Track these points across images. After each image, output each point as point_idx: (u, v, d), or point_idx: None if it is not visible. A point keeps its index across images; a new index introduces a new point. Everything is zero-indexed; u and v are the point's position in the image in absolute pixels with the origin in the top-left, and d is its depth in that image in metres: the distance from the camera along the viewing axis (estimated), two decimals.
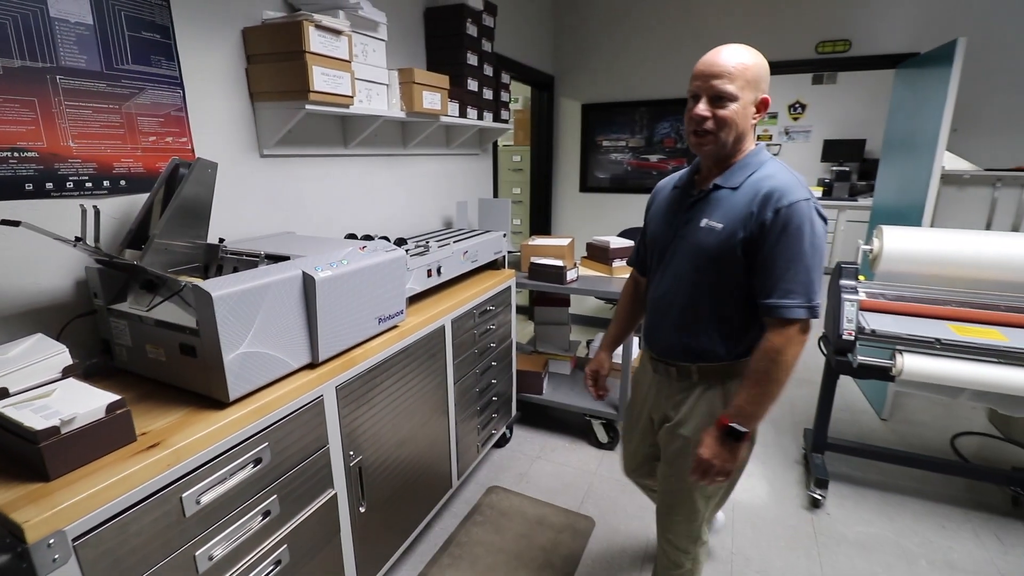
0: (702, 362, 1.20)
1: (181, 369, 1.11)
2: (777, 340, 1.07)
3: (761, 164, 1.12)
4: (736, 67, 1.06)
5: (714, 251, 1.11)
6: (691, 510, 1.29)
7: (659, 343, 1.28)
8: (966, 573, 1.76)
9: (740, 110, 1.07)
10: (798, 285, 1.04)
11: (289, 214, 1.76)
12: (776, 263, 1.05)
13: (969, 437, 2.58)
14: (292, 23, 1.44)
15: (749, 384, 1.11)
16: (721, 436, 1.12)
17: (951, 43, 2.32)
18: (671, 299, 1.22)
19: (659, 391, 1.32)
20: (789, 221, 1.03)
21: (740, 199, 1.10)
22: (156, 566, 0.93)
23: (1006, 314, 1.76)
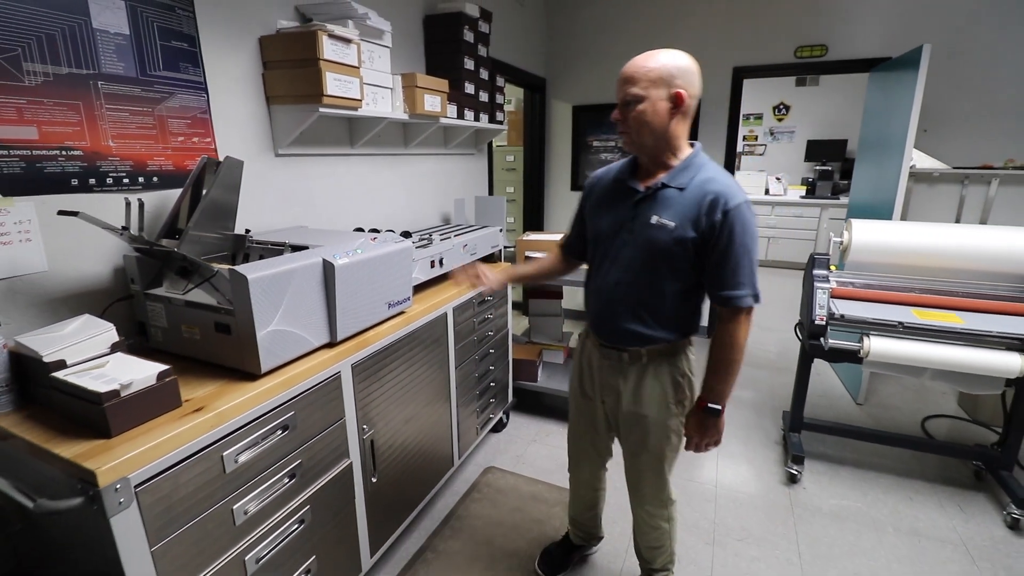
0: (651, 345, 1.31)
1: (215, 346, 1.23)
2: (732, 326, 1.22)
3: (702, 166, 1.23)
4: (638, 71, 1.17)
5: (665, 246, 1.21)
6: (659, 478, 1.44)
7: (610, 331, 1.36)
8: (930, 539, 1.91)
9: (649, 108, 1.17)
10: (746, 277, 1.19)
11: (301, 209, 1.88)
12: (728, 260, 1.18)
13: (939, 420, 2.75)
14: (307, 33, 1.57)
15: (715, 368, 1.26)
16: (703, 416, 1.29)
17: (918, 49, 2.48)
18: (622, 290, 1.30)
19: (609, 375, 1.40)
20: (735, 222, 1.15)
21: (688, 199, 1.19)
22: (201, 515, 1.06)
23: (963, 299, 1.93)
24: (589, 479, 1.67)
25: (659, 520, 1.50)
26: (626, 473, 1.51)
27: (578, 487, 1.70)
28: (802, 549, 1.86)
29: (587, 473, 1.66)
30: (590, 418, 1.53)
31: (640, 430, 1.39)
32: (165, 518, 0.99)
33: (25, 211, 1.17)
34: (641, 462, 1.43)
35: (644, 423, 1.37)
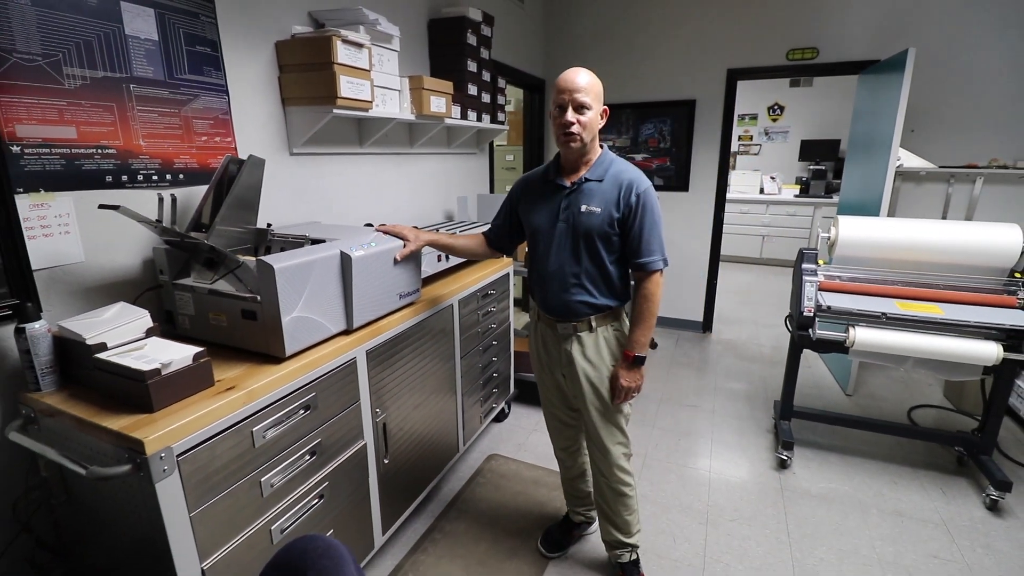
0: (599, 312, 1.52)
1: (241, 331, 1.32)
2: (650, 286, 1.47)
3: (612, 161, 1.48)
4: (588, 84, 1.40)
5: (596, 228, 1.44)
6: (621, 431, 1.60)
7: (560, 307, 1.53)
8: (912, 519, 2.02)
9: (594, 116, 1.41)
10: (656, 245, 1.45)
11: (313, 206, 1.97)
12: (642, 233, 1.43)
13: (925, 410, 2.86)
14: (322, 38, 1.66)
15: (638, 322, 1.48)
16: (629, 365, 1.50)
17: (903, 52, 2.58)
18: (566, 270, 1.50)
19: (563, 347, 1.57)
20: (645, 202, 1.42)
21: (608, 188, 1.44)
22: (233, 486, 1.15)
23: (942, 291, 2.03)
24: (569, 447, 1.79)
25: (627, 478, 1.63)
26: (590, 437, 1.63)
27: (564, 459, 1.83)
28: (791, 528, 1.96)
29: (565, 441, 1.79)
30: (556, 392, 1.69)
31: (595, 391, 1.55)
32: (203, 487, 1.08)
33: (64, 205, 1.25)
34: (604, 418, 1.58)
35: (599, 384, 1.55)
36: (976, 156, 3.17)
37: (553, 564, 1.81)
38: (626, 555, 1.71)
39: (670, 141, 3.87)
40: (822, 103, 6.14)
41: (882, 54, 3.12)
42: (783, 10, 3.38)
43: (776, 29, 3.42)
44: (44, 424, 1.16)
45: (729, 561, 1.82)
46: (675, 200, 3.92)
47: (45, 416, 1.15)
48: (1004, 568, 1.78)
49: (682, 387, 3.14)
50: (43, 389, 1.16)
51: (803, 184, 6.16)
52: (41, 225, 1.22)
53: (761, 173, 6.31)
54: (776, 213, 6.05)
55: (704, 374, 3.33)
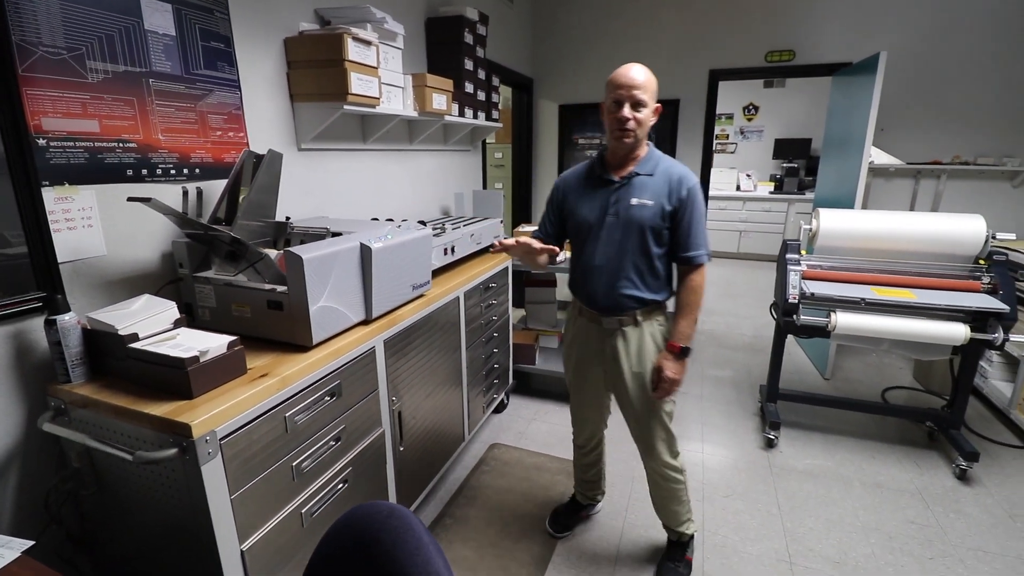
0: (646, 307, 1.55)
1: (267, 322, 1.35)
2: (697, 278, 1.51)
3: (661, 157, 1.53)
4: (646, 81, 1.42)
5: (648, 221, 1.47)
6: (666, 430, 1.62)
7: (607, 302, 1.54)
8: (890, 490, 2.16)
9: (649, 114, 1.44)
10: (703, 240, 1.49)
11: (320, 201, 2.00)
12: (691, 227, 1.48)
13: (897, 391, 3.04)
14: (332, 35, 1.69)
15: (683, 314, 1.51)
16: (676, 357, 1.51)
17: (875, 55, 2.74)
18: (618, 263, 1.51)
19: (609, 343, 1.58)
20: (695, 197, 1.47)
21: (659, 182, 1.47)
22: (269, 469, 1.19)
23: (914, 278, 2.18)
24: (590, 439, 1.85)
25: (675, 473, 1.67)
26: (636, 434, 1.67)
27: (582, 446, 1.88)
28: (781, 502, 2.08)
29: (589, 433, 1.83)
30: (593, 384, 1.70)
31: (640, 386, 1.57)
32: (242, 470, 1.12)
33: (87, 199, 1.26)
34: (650, 418, 1.60)
35: (644, 380, 1.56)
36: (940, 153, 3.38)
37: (561, 543, 1.89)
38: (675, 535, 1.77)
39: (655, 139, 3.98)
40: (794, 104, 6.38)
41: (854, 57, 3.29)
42: (762, 14, 3.53)
43: (755, 32, 3.57)
44: (75, 415, 1.17)
45: (726, 533, 1.92)
46: None
47: (77, 407, 1.16)
48: (974, 530, 1.94)
49: None
50: (73, 381, 1.17)
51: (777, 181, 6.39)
52: (66, 218, 1.23)
53: (737, 171, 6.52)
54: (752, 209, 6.26)
55: (691, 363, 3.45)
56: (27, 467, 1.22)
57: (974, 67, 3.21)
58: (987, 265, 2.17)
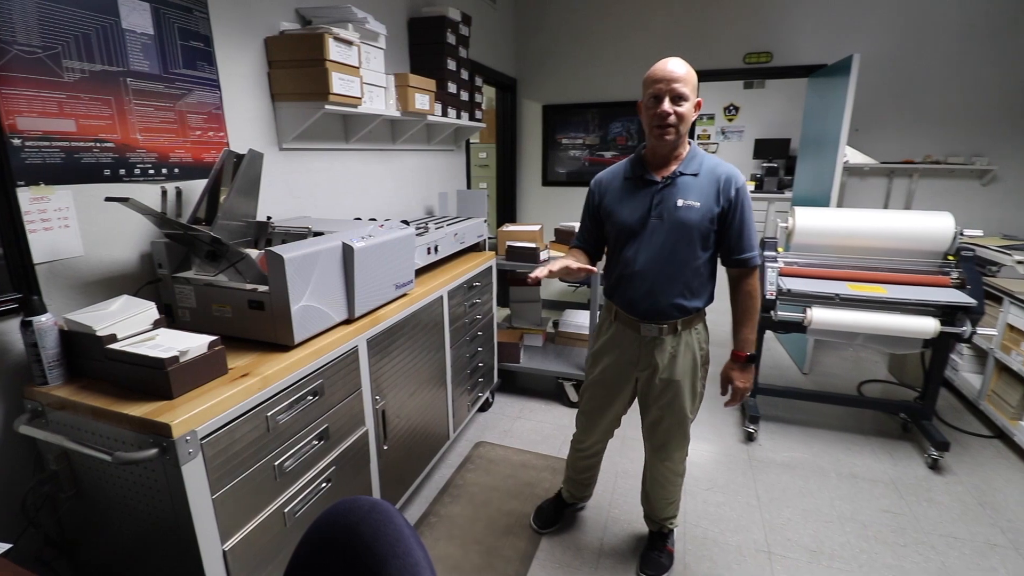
0: (685, 316, 1.48)
1: (248, 322, 1.35)
2: (752, 282, 1.47)
3: (704, 156, 1.46)
4: (686, 74, 1.35)
5: (695, 223, 1.40)
6: (684, 435, 1.62)
7: (648, 309, 1.48)
8: (865, 480, 2.23)
9: (690, 108, 1.37)
10: (754, 241, 1.45)
11: (302, 200, 1.99)
12: (743, 229, 1.43)
13: (872, 384, 3.12)
14: (314, 35, 1.69)
15: (744, 320, 1.47)
16: (743, 365, 1.49)
17: (849, 57, 2.81)
18: (660, 269, 1.44)
19: (646, 350, 1.53)
20: (744, 197, 1.42)
21: (704, 182, 1.41)
22: (251, 468, 1.19)
23: (886, 274, 2.25)
24: (595, 444, 1.82)
25: (677, 475, 1.70)
26: (651, 437, 1.66)
27: (583, 451, 1.85)
28: (760, 493, 2.13)
29: (595, 439, 1.79)
30: (619, 393, 1.64)
31: (672, 394, 1.54)
32: (223, 469, 1.12)
33: (64, 199, 1.25)
34: (671, 422, 1.58)
35: (677, 388, 1.53)
36: (913, 153, 3.47)
37: (546, 539, 1.91)
38: (656, 527, 1.80)
39: (638, 139, 4.03)
40: (774, 104, 6.49)
41: (830, 59, 3.36)
42: (740, 16, 3.60)
43: (734, 34, 3.63)
44: (52, 417, 1.16)
45: (707, 526, 1.96)
46: None
47: (54, 409, 1.15)
48: (944, 517, 2.01)
49: None
50: (50, 383, 1.16)
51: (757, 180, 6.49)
52: (41, 219, 1.22)
53: None
54: None
55: None
56: (3, 470, 1.20)
57: (945, 70, 3.31)
58: (956, 261, 2.24)
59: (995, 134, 3.32)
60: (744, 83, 6.52)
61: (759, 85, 6.50)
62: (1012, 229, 3.40)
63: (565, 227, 2.99)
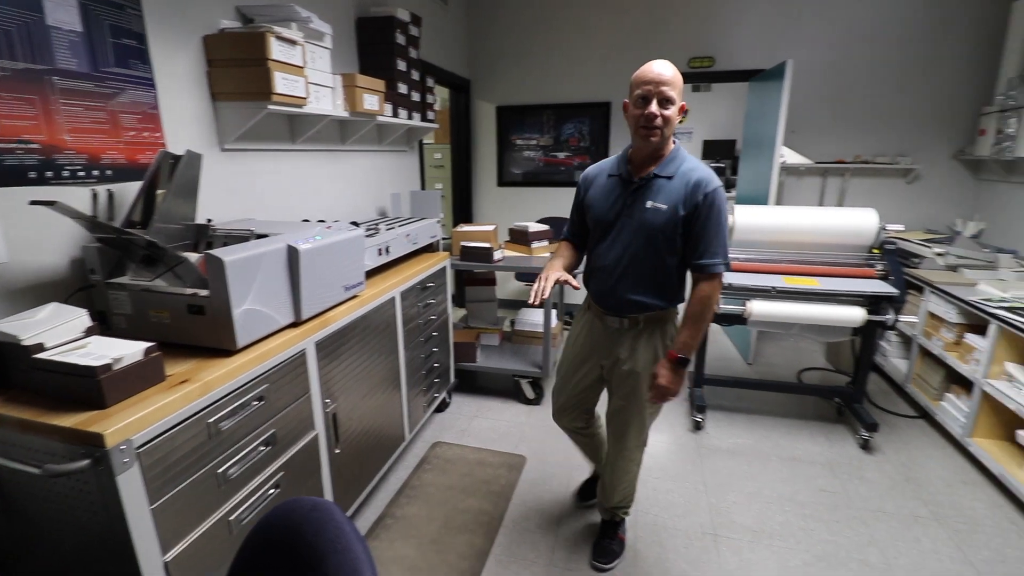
0: (647, 312, 1.54)
1: (188, 327, 1.32)
2: (707, 288, 1.45)
3: (684, 158, 1.47)
4: (673, 78, 1.37)
5: (660, 225, 1.43)
6: (641, 425, 1.67)
7: (612, 302, 1.55)
8: (803, 462, 2.36)
9: (675, 112, 1.39)
10: (720, 249, 1.43)
11: (247, 203, 1.95)
12: (706, 234, 1.42)
13: (811, 372, 3.31)
14: (255, 34, 1.66)
15: (689, 324, 1.46)
16: (673, 366, 1.48)
17: (783, 63, 2.97)
18: (625, 266, 1.50)
19: (609, 340, 1.60)
20: (713, 203, 1.41)
21: (676, 185, 1.43)
22: (192, 477, 1.16)
23: (819, 267, 2.39)
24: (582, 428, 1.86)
25: (633, 463, 1.74)
26: (611, 423, 1.72)
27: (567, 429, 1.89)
28: (707, 479, 2.23)
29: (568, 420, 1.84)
30: (580, 366, 1.70)
31: (631, 385, 1.60)
32: (162, 479, 1.09)
33: None
34: (629, 411, 1.64)
35: (637, 379, 1.58)
36: (844, 153, 3.70)
37: (502, 534, 1.94)
38: (608, 515, 1.85)
39: (589, 140, 4.12)
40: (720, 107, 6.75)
41: (767, 64, 3.54)
42: (684, 22, 3.73)
43: (677, 39, 3.76)
44: None
45: (656, 512, 2.04)
46: None
47: None
48: (874, 493, 2.16)
49: None
50: None
51: None
52: None
53: None
54: None
55: None
56: None
57: (872, 75, 3.54)
58: (880, 254, 2.41)
59: (918, 135, 3.58)
60: (692, 86, 6.74)
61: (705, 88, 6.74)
62: (934, 224, 3.67)
63: (519, 227, 3.03)
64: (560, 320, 3.42)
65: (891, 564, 1.80)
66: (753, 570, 1.77)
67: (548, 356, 2.80)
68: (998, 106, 3.12)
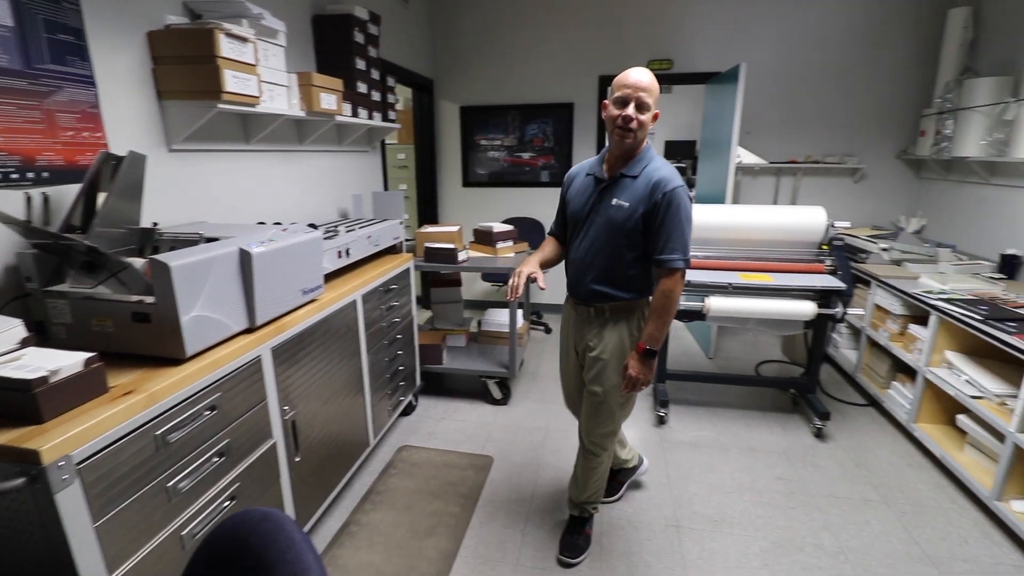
0: (613, 302, 1.62)
1: (132, 336, 1.26)
2: (668, 283, 1.51)
3: (651, 159, 1.55)
4: (650, 85, 1.47)
5: (621, 222, 1.53)
6: (609, 414, 1.71)
7: (582, 292, 1.66)
8: (761, 452, 2.44)
9: (650, 117, 1.48)
10: (679, 245, 1.50)
11: (199, 205, 1.88)
12: (664, 231, 1.49)
13: (769, 364, 3.42)
14: (203, 30, 1.60)
15: (654, 318, 1.54)
16: (641, 357, 1.56)
17: (736, 66, 3.06)
18: (591, 259, 1.61)
19: (581, 328, 1.72)
20: (671, 202, 1.47)
21: (639, 184, 1.51)
22: (139, 492, 1.12)
23: (772, 263, 2.48)
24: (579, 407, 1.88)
25: (600, 451, 1.76)
26: (584, 410, 1.76)
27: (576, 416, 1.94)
28: (670, 471, 2.28)
29: (572, 405, 1.93)
30: (573, 365, 1.81)
31: (598, 370, 1.66)
32: (106, 495, 1.04)
33: None
34: (597, 396, 1.69)
35: (604, 365, 1.65)
36: (796, 153, 3.84)
37: (469, 535, 1.93)
38: (576, 511, 1.87)
39: (553, 141, 4.15)
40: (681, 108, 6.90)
41: (723, 67, 3.64)
42: (643, 25, 3.81)
43: (638, 41, 3.84)
44: None
45: (621, 507, 2.08)
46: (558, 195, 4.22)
47: None
48: (827, 479, 2.25)
49: None
50: None
51: None
52: None
53: None
54: None
55: None
56: None
57: (821, 78, 3.69)
58: (829, 250, 2.51)
59: (864, 136, 3.75)
60: None
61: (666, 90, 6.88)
62: (880, 220, 3.85)
63: (483, 227, 3.03)
64: (527, 320, 3.43)
65: (843, 547, 1.88)
66: (714, 559, 1.82)
67: (515, 356, 2.81)
68: (936, 108, 3.30)
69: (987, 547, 1.87)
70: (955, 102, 3.14)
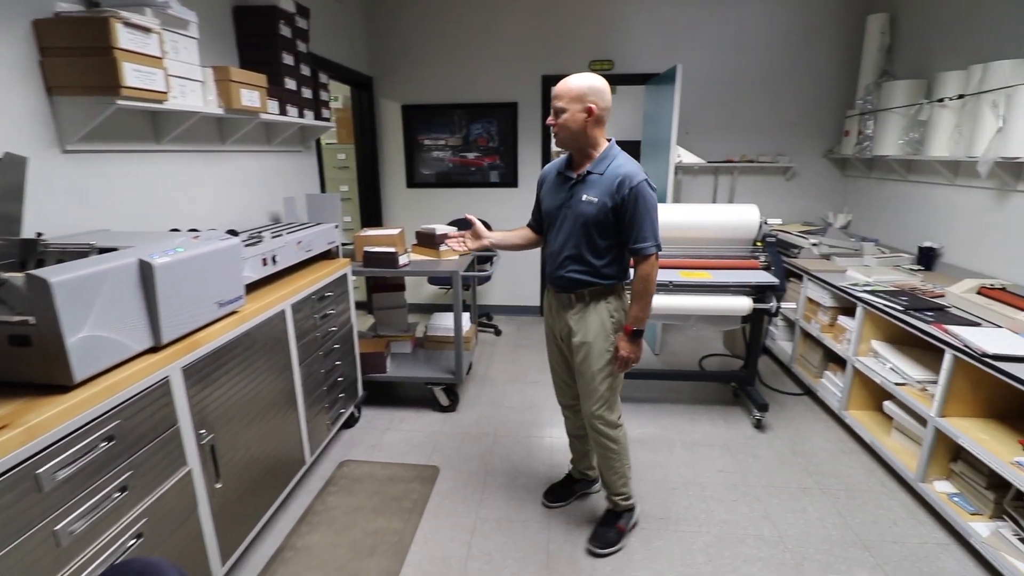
0: (590, 287, 1.73)
1: (10, 361, 1.12)
2: (645, 268, 1.65)
3: (615, 156, 1.67)
4: (562, 90, 1.60)
5: (592, 215, 1.64)
6: (608, 390, 1.79)
7: (561, 281, 1.77)
8: (705, 445, 2.49)
9: (569, 118, 1.61)
10: (649, 233, 1.63)
11: (102, 212, 1.71)
12: (635, 222, 1.62)
13: (711, 358, 3.51)
14: (97, 19, 1.45)
15: (635, 300, 1.68)
16: (629, 338, 1.71)
17: (673, 68, 3.12)
18: (567, 250, 1.72)
19: (563, 314, 1.81)
20: (637, 195, 1.60)
21: (606, 181, 1.63)
22: (19, 539, 0.97)
23: (711, 260, 2.53)
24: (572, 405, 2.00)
25: (612, 433, 1.82)
26: (580, 392, 1.85)
27: (568, 416, 2.07)
28: None
29: (567, 399, 2.01)
30: (559, 354, 1.92)
31: (584, 353, 1.77)
32: None
33: None
34: (586, 380, 1.79)
35: (588, 348, 1.76)
36: (732, 152, 3.96)
37: (412, 553, 1.85)
38: (610, 503, 1.94)
39: (498, 140, 4.11)
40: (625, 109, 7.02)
41: (661, 68, 3.70)
42: (583, 26, 3.82)
43: (579, 42, 3.85)
44: None
45: (567, 508, 2.06)
46: (507, 195, 4.19)
47: None
48: (766, 469, 2.32)
49: (525, 366, 3.40)
50: None
51: None
52: None
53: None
54: None
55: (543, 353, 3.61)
56: None
57: (752, 80, 3.82)
58: (762, 246, 2.59)
59: (793, 136, 3.92)
60: None
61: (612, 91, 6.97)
62: (810, 217, 4.03)
63: (426, 229, 2.95)
64: (475, 323, 3.37)
65: (783, 535, 1.93)
66: (659, 557, 1.83)
67: (461, 360, 2.75)
68: (858, 109, 3.48)
69: (914, 527, 1.97)
70: (875, 104, 3.32)
